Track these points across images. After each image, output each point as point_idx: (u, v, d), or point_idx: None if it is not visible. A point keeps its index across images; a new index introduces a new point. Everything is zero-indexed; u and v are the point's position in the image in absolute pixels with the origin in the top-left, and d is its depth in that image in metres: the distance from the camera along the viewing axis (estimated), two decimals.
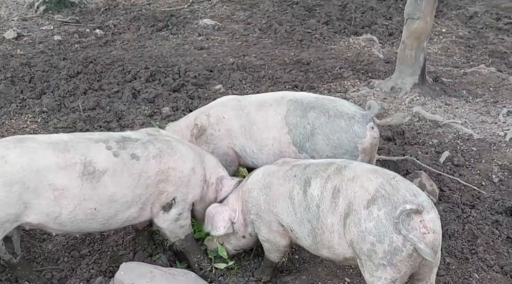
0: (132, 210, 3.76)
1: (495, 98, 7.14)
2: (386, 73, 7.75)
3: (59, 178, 3.47)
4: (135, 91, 6.91)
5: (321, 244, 3.50)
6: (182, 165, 3.85)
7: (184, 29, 9.55)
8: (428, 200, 3.20)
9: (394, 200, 3.12)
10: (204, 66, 7.77)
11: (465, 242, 4.46)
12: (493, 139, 6.03)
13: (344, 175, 3.38)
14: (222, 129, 4.46)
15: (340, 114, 4.15)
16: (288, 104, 4.29)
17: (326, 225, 3.40)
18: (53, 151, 3.51)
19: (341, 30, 9.61)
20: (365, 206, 3.19)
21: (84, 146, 3.60)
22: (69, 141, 3.60)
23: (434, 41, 9.28)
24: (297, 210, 3.55)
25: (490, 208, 4.89)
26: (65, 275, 4.08)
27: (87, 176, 3.53)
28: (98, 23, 9.75)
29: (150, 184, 3.74)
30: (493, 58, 8.66)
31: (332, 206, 3.35)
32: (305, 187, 3.51)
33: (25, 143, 3.53)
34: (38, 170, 3.44)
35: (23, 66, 7.54)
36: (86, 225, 3.67)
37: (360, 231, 3.18)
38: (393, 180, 3.24)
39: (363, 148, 4.13)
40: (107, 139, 3.71)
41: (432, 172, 5.27)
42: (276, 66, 7.90)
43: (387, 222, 3.10)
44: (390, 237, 3.09)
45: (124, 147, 3.69)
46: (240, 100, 4.58)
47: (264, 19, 9.96)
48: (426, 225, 3.07)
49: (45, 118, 6.29)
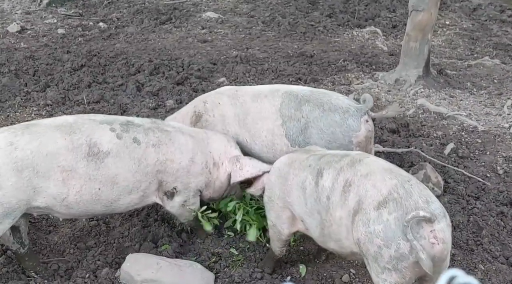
0: (133, 196, 3.83)
1: (500, 90, 7.13)
2: (390, 66, 7.74)
3: (67, 160, 3.56)
4: (139, 84, 6.92)
5: (328, 237, 3.47)
6: (180, 156, 3.91)
7: (188, 22, 9.54)
8: (440, 208, 3.09)
9: (406, 206, 3.02)
10: (207, 59, 7.76)
11: (470, 233, 4.46)
12: (497, 131, 6.02)
13: (358, 170, 3.29)
14: (216, 114, 4.47)
15: (334, 108, 4.13)
16: (283, 97, 4.29)
17: (334, 218, 3.34)
18: (61, 134, 3.59)
19: (345, 22, 9.59)
20: (376, 207, 3.10)
21: (89, 127, 3.69)
22: (74, 123, 3.68)
23: (438, 33, 9.26)
24: (308, 200, 3.50)
25: (495, 199, 4.89)
26: (71, 266, 4.10)
27: (92, 157, 3.62)
28: (101, 16, 9.75)
29: (149, 172, 3.82)
30: (497, 50, 8.64)
31: (342, 200, 3.29)
32: (317, 177, 3.45)
33: (32, 128, 3.60)
34: (48, 153, 3.51)
35: (27, 59, 7.54)
36: (92, 206, 3.74)
37: (368, 232, 3.11)
38: (408, 184, 3.12)
39: (358, 142, 4.11)
40: (112, 121, 3.79)
41: (437, 164, 5.26)
42: (280, 58, 7.89)
43: (396, 227, 3.01)
44: (397, 243, 3.01)
45: (127, 130, 3.77)
46: (238, 90, 4.61)
47: (267, 12, 9.94)
48: (436, 236, 2.98)
49: (50, 111, 6.30)
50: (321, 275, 4.07)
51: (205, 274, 4.00)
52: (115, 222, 4.55)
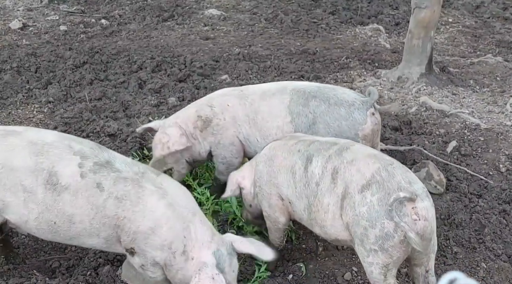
0: (95, 240, 3.50)
1: (502, 87, 7.11)
2: (393, 63, 7.72)
3: (28, 181, 3.36)
4: (141, 81, 6.91)
5: (314, 221, 3.56)
6: (140, 220, 3.37)
7: (190, 19, 9.52)
8: (423, 188, 3.22)
9: (388, 187, 3.15)
10: (210, 56, 7.75)
11: (472, 231, 4.45)
12: (500, 129, 6.00)
13: (344, 157, 3.41)
14: (227, 117, 4.45)
15: (340, 101, 4.17)
16: (291, 93, 4.31)
17: (322, 204, 3.44)
18: (29, 152, 3.40)
19: (347, 20, 9.56)
20: (360, 191, 3.23)
21: (58, 154, 3.41)
22: (47, 144, 3.44)
23: (440, 30, 9.23)
24: (297, 184, 3.59)
25: (497, 197, 4.88)
26: (73, 264, 4.10)
27: (51, 186, 3.35)
28: (103, 13, 9.73)
29: (107, 223, 3.41)
30: (500, 47, 8.61)
31: (331, 187, 3.39)
32: (306, 163, 3.55)
33: (10, 138, 3.46)
34: (13, 169, 3.37)
35: (29, 56, 7.54)
36: (52, 236, 3.52)
37: (355, 215, 3.23)
38: (390, 167, 3.26)
39: (364, 135, 4.14)
40: (88, 156, 3.44)
41: (439, 162, 5.25)
42: (282, 56, 7.88)
43: (379, 207, 3.14)
44: (381, 223, 3.13)
45: (95, 171, 3.39)
46: (242, 89, 4.59)
47: (269, 9, 9.92)
48: (418, 212, 3.09)
49: (52, 108, 6.29)
50: (323, 273, 4.07)
51: None
52: None
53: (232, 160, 4.57)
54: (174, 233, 3.39)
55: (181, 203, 3.47)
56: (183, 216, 3.43)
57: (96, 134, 5.68)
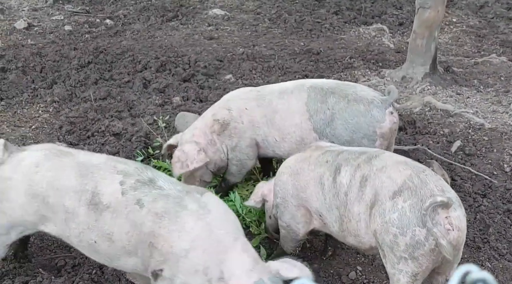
0: (134, 259, 3.32)
1: (507, 87, 7.11)
2: (397, 63, 7.72)
3: (71, 201, 3.32)
4: (145, 81, 6.93)
5: (347, 232, 3.47)
6: (176, 240, 3.13)
7: (194, 19, 9.54)
8: (456, 198, 3.12)
9: (421, 193, 3.05)
10: (214, 56, 7.77)
11: (477, 231, 4.46)
12: (504, 129, 6.01)
13: (373, 165, 3.33)
14: (245, 120, 4.45)
15: (360, 98, 4.15)
16: (309, 91, 4.31)
17: (352, 213, 3.36)
18: (75, 173, 3.36)
19: (351, 20, 9.57)
20: (391, 197, 3.13)
21: (102, 174, 3.34)
22: (93, 166, 3.38)
23: (444, 30, 9.23)
24: (327, 195, 3.51)
25: (501, 197, 4.88)
26: (78, 262, 4.10)
27: (93, 206, 3.28)
28: (108, 13, 9.76)
29: (142, 240, 3.21)
30: (504, 47, 8.61)
31: (359, 195, 3.31)
32: (335, 174, 3.47)
33: (62, 158, 3.45)
34: (58, 188, 3.34)
35: (34, 56, 7.56)
36: (93, 255, 3.47)
37: (384, 222, 3.13)
38: (423, 174, 3.16)
39: (382, 133, 4.13)
40: (131, 174, 3.31)
41: (443, 162, 5.26)
42: (286, 56, 7.89)
43: (411, 214, 3.04)
44: (413, 230, 3.03)
45: (136, 188, 3.25)
46: (259, 90, 4.58)
47: (273, 9, 9.93)
48: (452, 222, 3.00)
49: (57, 108, 6.32)
50: (328, 272, 4.08)
51: None
52: None
53: (247, 163, 4.59)
54: (210, 257, 3.12)
55: (222, 227, 3.20)
56: (222, 241, 3.16)
57: (101, 134, 5.70)
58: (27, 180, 3.39)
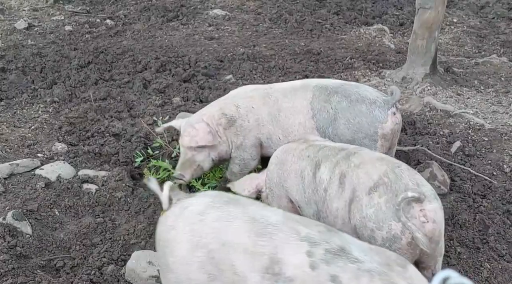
0: None
1: (507, 88, 7.09)
2: (397, 63, 7.71)
3: (241, 262, 2.74)
4: (145, 82, 6.92)
5: None
6: None
7: (194, 19, 9.54)
8: (431, 191, 3.18)
9: (396, 188, 3.12)
10: (214, 56, 7.76)
11: (476, 231, 4.45)
12: (504, 129, 5.99)
13: (351, 161, 3.40)
14: (252, 119, 4.48)
15: (362, 99, 4.17)
16: (314, 90, 4.33)
17: (331, 209, 3.43)
18: (248, 229, 2.79)
19: (352, 20, 9.56)
20: (367, 193, 3.21)
21: (283, 238, 2.72)
22: (272, 225, 2.79)
23: (445, 31, 9.22)
24: (306, 190, 3.58)
25: (501, 198, 4.87)
26: (77, 263, 4.10)
27: (271, 275, 2.68)
28: (108, 14, 9.76)
29: None
30: (504, 48, 8.59)
31: (339, 192, 3.37)
32: (315, 169, 3.54)
33: (230, 207, 2.92)
34: (225, 243, 2.79)
35: (34, 56, 7.56)
36: None
37: (362, 217, 3.21)
38: (398, 169, 3.23)
39: (383, 134, 4.13)
40: (317, 242, 2.68)
41: (443, 162, 5.25)
42: (287, 56, 7.88)
43: (386, 209, 3.11)
44: (388, 224, 3.10)
45: (328, 262, 2.59)
46: (267, 88, 4.63)
47: (274, 9, 9.92)
48: (427, 214, 3.06)
49: (56, 108, 6.32)
50: None
51: None
52: (121, 219, 4.57)
53: (250, 163, 4.61)
54: None
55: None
56: None
57: (100, 134, 5.69)
58: (190, 230, 2.89)
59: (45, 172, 4.94)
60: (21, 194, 4.70)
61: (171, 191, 3.11)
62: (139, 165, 5.22)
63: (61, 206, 4.65)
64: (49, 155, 5.37)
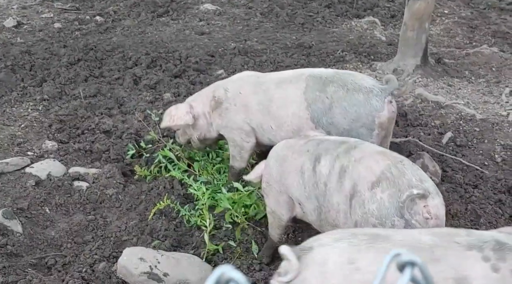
0: None
1: (498, 78, 7.10)
2: (389, 55, 7.70)
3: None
4: (136, 78, 6.89)
5: (325, 222, 3.50)
6: None
7: (185, 14, 9.49)
8: (434, 187, 3.16)
9: (399, 184, 3.08)
10: (205, 51, 7.73)
11: (468, 221, 4.46)
12: (495, 119, 6.00)
13: (352, 155, 3.35)
14: (238, 104, 4.52)
15: (359, 87, 4.14)
16: (307, 80, 4.30)
17: (331, 203, 3.38)
18: None
19: (343, 13, 9.53)
20: (369, 188, 3.16)
21: (455, 254, 2.55)
22: (434, 246, 2.58)
23: (436, 22, 9.21)
24: (306, 185, 3.54)
25: (493, 187, 4.88)
26: (68, 261, 4.09)
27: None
28: (98, 10, 9.70)
29: None
30: (495, 38, 8.60)
31: (338, 186, 3.33)
32: (315, 163, 3.49)
33: (378, 243, 2.59)
34: None
35: (23, 54, 7.51)
36: None
37: (364, 213, 3.16)
38: (400, 164, 3.19)
39: (380, 122, 4.11)
40: (479, 245, 2.56)
41: (434, 153, 5.25)
42: (278, 50, 7.86)
43: (389, 204, 3.07)
44: (391, 220, 3.06)
45: (504, 258, 2.50)
46: (260, 76, 4.65)
47: (265, 3, 9.88)
48: (430, 211, 3.03)
49: (46, 106, 6.28)
50: None
51: (203, 266, 4.00)
52: (113, 216, 4.55)
53: (243, 144, 4.61)
54: None
55: None
56: None
57: (91, 131, 5.67)
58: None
59: (35, 170, 4.92)
60: (11, 193, 4.68)
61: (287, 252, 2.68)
62: (130, 161, 5.20)
63: (52, 204, 4.63)
64: (39, 153, 5.35)
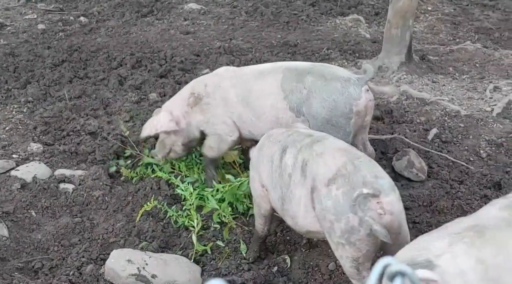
0: None
1: (482, 74, 7.15)
2: (373, 53, 7.73)
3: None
4: (121, 78, 6.86)
5: (286, 212, 3.56)
6: None
7: (169, 14, 9.47)
8: (389, 183, 3.16)
9: (353, 181, 3.11)
10: (190, 51, 7.72)
11: (454, 217, 4.43)
12: (480, 115, 6.04)
13: (314, 150, 3.41)
14: (218, 97, 4.52)
15: (336, 77, 4.19)
16: (284, 71, 4.35)
17: (294, 195, 3.44)
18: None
19: (328, 11, 9.56)
20: (326, 184, 3.21)
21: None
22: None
23: (420, 19, 9.26)
24: (273, 174, 3.61)
25: (478, 183, 4.91)
26: (55, 264, 4.06)
27: None
28: (82, 11, 9.64)
29: None
30: (479, 34, 8.66)
31: (302, 179, 3.38)
32: (282, 154, 3.56)
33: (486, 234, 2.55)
34: None
35: (7, 56, 7.45)
36: None
37: (322, 209, 3.22)
38: (357, 160, 3.22)
39: (358, 111, 4.15)
40: None
41: (420, 150, 5.28)
42: (263, 48, 7.86)
43: (344, 201, 3.11)
44: (346, 217, 3.10)
45: None
46: (237, 70, 4.68)
47: (250, 2, 9.88)
48: (384, 207, 3.05)
49: (31, 108, 6.23)
50: (308, 264, 4.08)
51: (192, 267, 3.99)
52: (99, 218, 4.53)
53: (226, 138, 4.61)
54: None
55: None
56: None
57: (76, 133, 5.63)
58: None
59: (21, 173, 4.88)
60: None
61: None
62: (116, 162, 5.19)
63: (38, 207, 4.60)
64: (25, 156, 5.30)
